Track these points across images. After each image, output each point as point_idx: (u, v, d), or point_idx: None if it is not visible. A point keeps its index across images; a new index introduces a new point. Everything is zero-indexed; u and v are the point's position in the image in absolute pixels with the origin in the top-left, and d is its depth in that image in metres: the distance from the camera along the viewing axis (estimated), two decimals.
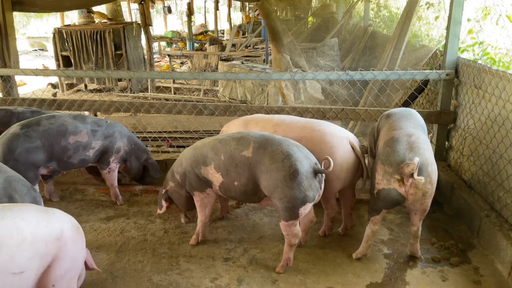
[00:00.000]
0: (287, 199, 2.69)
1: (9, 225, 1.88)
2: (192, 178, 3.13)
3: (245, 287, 2.80)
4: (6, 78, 4.65)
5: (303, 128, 3.19)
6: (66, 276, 2.09)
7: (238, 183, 2.90)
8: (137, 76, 4.35)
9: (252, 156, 2.80)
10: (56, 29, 10.47)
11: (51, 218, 2.07)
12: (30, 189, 2.74)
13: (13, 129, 3.26)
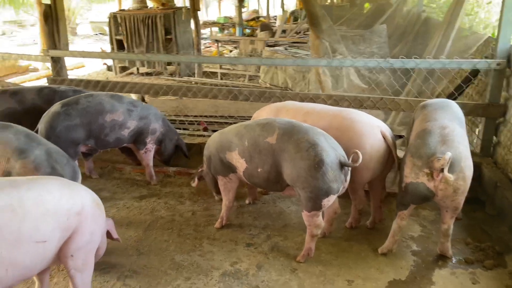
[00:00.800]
0: (310, 189, 2.64)
1: (34, 196, 1.98)
2: (216, 162, 3.16)
3: (263, 273, 2.80)
4: (57, 59, 4.91)
5: (333, 116, 3.10)
6: (84, 248, 2.19)
7: (261, 170, 2.88)
8: (169, 60, 4.42)
9: (276, 143, 2.76)
10: (111, 13, 10.89)
11: (73, 194, 2.16)
12: (69, 160, 2.96)
13: (55, 108, 3.45)
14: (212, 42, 15.82)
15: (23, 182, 2.04)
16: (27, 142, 2.78)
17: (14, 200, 1.90)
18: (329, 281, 2.71)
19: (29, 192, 1.99)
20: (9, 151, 2.70)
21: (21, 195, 1.94)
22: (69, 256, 2.12)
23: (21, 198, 1.93)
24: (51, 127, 3.36)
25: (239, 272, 2.82)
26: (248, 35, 15.20)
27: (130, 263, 2.91)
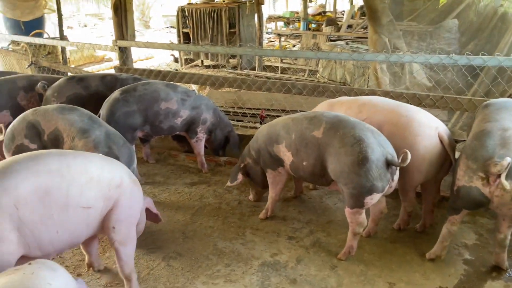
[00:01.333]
0: (352, 185, 2.58)
1: (80, 164, 2.15)
2: (266, 156, 3.16)
3: (302, 267, 2.79)
4: (123, 49, 5.20)
5: (390, 111, 2.98)
6: (124, 221, 2.32)
7: (307, 163, 2.85)
8: (225, 52, 4.50)
9: (322, 137, 2.72)
10: (180, 7, 11.30)
11: (113, 168, 2.31)
12: (126, 143, 3.16)
13: (115, 95, 3.67)
14: (275, 36, 15.85)
15: (69, 152, 2.24)
16: (89, 123, 3.01)
17: (63, 166, 2.07)
18: (369, 282, 2.64)
19: (75, 159, 2.15)
20: (74, 130, 2.94)
21: (69, 162, 2.11)
22: (111, 228, 2.27)
23: (69, 164, 2.09)
24: (111, 113, 3.58)
25: (278, 263, 2.83)
26: (313, 30, 15.02)
27: (175, 245, 3.03)
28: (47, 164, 2.03)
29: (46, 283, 1.54)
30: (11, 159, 2.05)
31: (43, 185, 1.97)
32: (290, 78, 8.20)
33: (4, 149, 3.02)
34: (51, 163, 2.05)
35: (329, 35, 10.03)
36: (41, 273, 1.61)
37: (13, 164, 1.98)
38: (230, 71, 10.41)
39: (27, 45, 6.33)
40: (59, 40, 6.06)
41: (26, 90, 4.01)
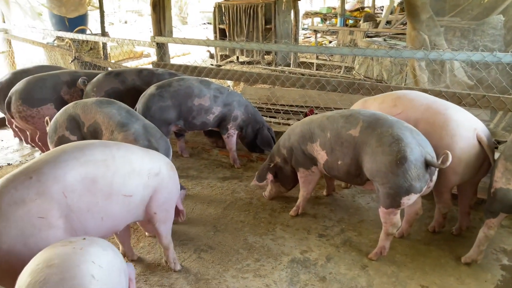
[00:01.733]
0: (389, 185, 2.53)
1: (123, 155, 2.26)
2: (299, 154, 3.12)
3: (332, 265, 2.77)
4: (161, 45, 5.32)
5: (427, 108, 2.88)
6: (164, 206, 2.47)
7: (342, 163, 2.81)
8: (259, 48, 4.50)
9: (359, 136, 2.67)
10: (217, 3, 11.40)
11: (152, 157, 2.43)
12: (162, 135, 3.25)
13: (150, 90, 3.76)
14: (311, 33, 15.70)
15: (112, 143, 2.34)
16: (127, 117, 3.11)
17: (108, 157, 2.18)
18: (400, 283, 2.59)
19: (119, 151, 2.26)
20: (113, 124, 3.04)
21: (113, 153, 2.22)
22: (152, 214, 2.42)
23: (113, 155, 2.21)
24: (146, 107, 3.67)
25: (307, 261, 2.83)
26: (350, 26, 14.77)
27: (207, 238, 3.09)
28: (93, 154, 2.14)
29: (90, 261, 1.60)
30: (60, 149, 2.16)
31: (90, 175, 2.08)
32: (325, 75, 8.11)
33: (48, 140, 3.17)
34: (96, 154, 2.15)
35: (367, 31, 9.83)
36: (89, 249, 1.67)
37: (62, 154, 2.09)
38: (264, 67, 10.42)
39: (71, 41, 6.59)
40: (100, 36, 6.27)
41: (69, 85, 4.18)
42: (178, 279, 2.65)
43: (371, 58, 7.51)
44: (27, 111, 3.99)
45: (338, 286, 2.58)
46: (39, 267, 1.51)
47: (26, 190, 1.92)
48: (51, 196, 1.95)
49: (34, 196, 1.91)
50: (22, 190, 1.91)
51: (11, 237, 1.85)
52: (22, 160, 4.56)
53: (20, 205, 1.89)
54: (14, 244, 1.86)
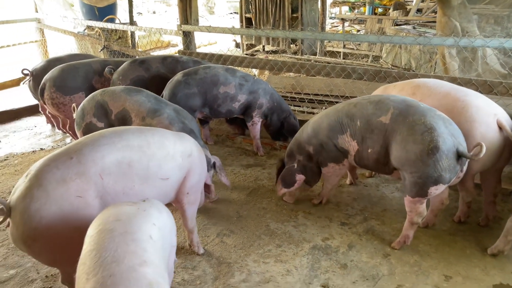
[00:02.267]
0: (418, 174, 2.48)
1: (158, 141, 2.35)
2: (331, 150, 2.95)
3: (354, 253, 2.77)
4: (187, 33, 5.36)
5: (445, 95, 2.82)
6: (196, 186, 2.58)
7: (372, 151, 2.74)
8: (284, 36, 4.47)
9: (389, 123, 2.60)
10: None
11: (183, 140, 2.52)
12: (193, 117, 3.35)
13: (177, 77, 3.81)
14: (339, 21, 15.44)
15: (147, 129, 2.41)
16: (157, 103, 3.18)
17: (144, 142, 2.27)
18: (423, 273, 2.57)
19: (154, 137, 2.35)
20: (144, 111, 3.11)
21: (148, 139, 2.31)
22: (185, 194, 2.51)
23: (148, 141, 2.30)
24: (173, 94, 3.73)
25: (329, 248, 2.83)
26: (380, 14, 14.42)
27: (229, 223, 3.14)
28: (129, 140, 2.23)
29: (151, 222, 1.73)
30: (98, 134, 2.26)
31: (126, 159, 2.17)
32: (352, 64, 7.98)
33: (76, 126, 3.27)
34: (132, 140, 2.24)
35: (396, 20, 9.59)
36: (150, 211, 1.80)
37: (101, 138, 2.19)
38: (290, 57, 10.34)
39: (101, 30, 6.74)
40: (128, 25, 6.37)
41: (100, 74, 4.28)
42: (200, 262, 2.71)
43: (399, 46, 7.33)
44: (60, 99, 4.12)
45: (359, 273, 2.58)
46: (109, 220, 1.68)
47: (67, 169, 2.02)
48: (89, 177, 2.05)
49: (74, 176, 2.02)
50: (63, 169, 2.02)
51: (50, 213, 1.94)
52: (54, 145, 4.73)
53: (61, 183, 1.99)
54: (53, 220, 1.95)
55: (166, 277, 1.57)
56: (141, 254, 1.52)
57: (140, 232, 1.63)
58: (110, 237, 1.56)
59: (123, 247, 1.51)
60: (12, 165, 4.21)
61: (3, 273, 2.66)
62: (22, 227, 1.93)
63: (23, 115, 5.73)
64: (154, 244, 1.63)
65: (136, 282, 1.38)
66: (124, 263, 1.44)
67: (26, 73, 4.71)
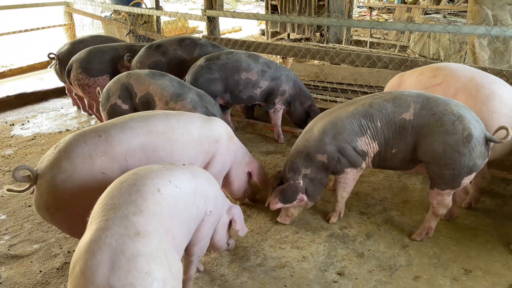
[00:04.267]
0: (453, 166, 2.40)
1: (183, 126, 2.39)
2: (350, 154, 2.67)
3: (372, 242, 2.74)
4: (212, 18, 5.35)
5: (470, 79, 2.72)
6: (218, 173, 2.60)
7: (396, 151, 2.59)
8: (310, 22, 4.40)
9: (414, 119, 2.48)
10: None
11: (212, 125, 2.55)
12: (216, 102, 3.37)
13: (200, 61, 3.81)
14: (366, 11, 15.11)
15: (174, 114, 2.44)
16: (180, 87, 3.20)
17: (169, 128, 2.32)
18: (442, 265, 2.52)
19: (179, 122, 2.40)
20: (167, 95, 3.14)
21: (173, 124, 2.36)
22: None
23: (173, 126, 2.35)
24: (195, 78, 3.74)
25: (346, 236, 2.81)
26: (409, 3, 14.02)
27: (247, 208, 3.15)
28: (155, 125, 2.29)
29: (166, 179, 1.77)
30: (129, 117, 2.33)
31: (151, 144, 2.24)
32: (378, 53, 7.81)
33: (100, 107, 3.33)
34: (158, 125, 2.30)
35: (426, 8, 9.30)
36: (174, 171, 1.85)
37: (129, 121, 2.27)
38: (315, 44, 10.20)
39: (127, 14, 6.80)
40: (154, 10, 6.40)
41: None
42: None
43: (428, 35, 7.11)
44: (85, 80, 4.20)
45: (376, 263, 2.56)
46: (129, 173, 1.77)
47: (94, 146, 2.10)
48: (114, 156, 2.13)
49: (100, 153, 2.10)
50: (91, 145, 2.10)
51: (74, 185, 2.03)
52: (79, 126, 4.84)
53: (87, 158, 2.07)
54: (76, 192, 2.03)
55: (169, 232, 1.60)
56: (140, 204, 1.56)
57: (147, 185, 1.67)
58: (119, 187, 1.64)
59: (124, 197, 1.57)
60: (39, 145, 4.34)
61: (27, 247, 2.75)
62: (47, 195, 2.02)
63: (51, 97, 5.88)
64: (161, 198, 1.66)
65: (125, 228, 1.43)
66: (121, 210, 1.50)
67: (52, 57, 4.80)
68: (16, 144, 4.35)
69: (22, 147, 4.29)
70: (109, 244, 1.37)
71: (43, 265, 2.59)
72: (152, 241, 1.45)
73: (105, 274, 1.31)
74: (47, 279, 2.48)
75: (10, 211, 3.15)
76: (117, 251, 1.36)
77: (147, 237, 1.45)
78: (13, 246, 2.76)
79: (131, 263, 1.34)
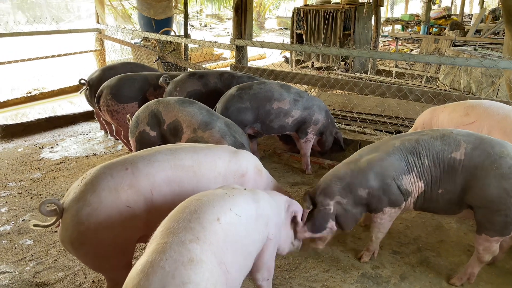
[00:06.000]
0: (507, 212, 2.26)
1: (210, 161, 2.35)
2: (393, 192, 2.52)
3: (407, 285, 2.60)
4: (240, 48, 5.40)
5: (504, 117, 2.63)
6: None
7: (443, 191, 2.46)
8: (338, 53, 4.38)
9: (466, 159, 2.36)
10: (295, 8, 11.38)
11: (239, 159, 2.48)
12: (243, 132, 3.35)
13: (231, 91, 3.81)
14: (391, 41, 15.13)
15: (202, 148, 2.41)
16: (209, 116, 3.18)
17: (196, 163, 2.30)
18: None
19: (206, 157, 2.36)
20: (195, 122, 3.12)
21: (200, 159, 2.32)
22: None
23: (200, 161, 2.31)
24: (225, 107, 3.73)
25: (379, 277, 2.68)
26: (435, 34, 13.99)
27: None
28: (182, 159, 2.26)
29: (227, 207, 1.80)
30: (156, 149, 2.30)
31: (177, 178, 2.21)
32: (407, 84, 7.73)
33: (130, 134, 3.34)
34: (185, 159, 2.27)
35: (454, 40, 9.23)
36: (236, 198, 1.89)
37: (157, 154, 2.24)
38: (340, 74, 10.20)
39: (156, 42, 6.95)
40: (183, 38, 6.54)
41: (155, 86, 4.38)
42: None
43: (459, 68, 7.00)
44: (114, 106, 4.25)
45: None
46: (193, 198, 1.83)
47: (121, 179, 2.07)
48: (140, 190, 2.09)
49: (126, 187, 2.06)
50: (117, 178, 2.07)
51: (100, 219, 1.98)
52: (106, 151, 4.87)
53: (113, 191, 2.03)
54: (102, 226, 1.99)
55: (223, 264, 1.62)
56: (198, 231, 1.59)
57: (208, 212, 1.70)
58: (181, 212, 1.69)
59: (184, 223, 1.62)
60: (67, 169, 4.38)
61: (52, 274, 2.72)
62: (72, 229, 1.99)
63: (79, 120, 5.98)
64: (219, 228, 1.68)
65: (180, 254, 1.46)
66: (178, 236, 1.54)
67: (83, 82, 4.91)
68: (45, 168, 4.40)
69: (50, 170, 4.34)
70: (162, 267, 1.41)
71: None
72: (204, 270, 1.47)
73: None
74: None
75: (37, 236, 3.14)
76: (169, 276, 1.39)
77: (200, 266, 1.47)
78: (38, 274, 2.73)
79: None
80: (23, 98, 7.33)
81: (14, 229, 3.26)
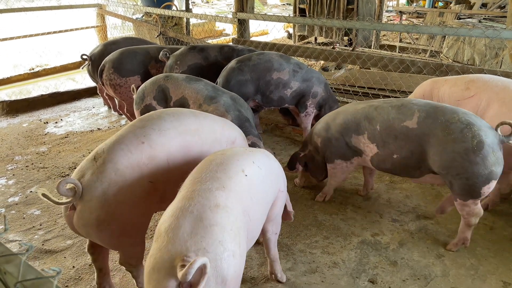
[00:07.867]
0: (467, 175, 2.33)
1: (209, 125, 2.39)
2: (340, 146, 2.91)
3: (405, 251, 2.67)
4: (242, 21, 5.36)
5: (503, 88, 2.66)
6: None
7: (398, 156, 2.60)
8: (341, 25, 4.35)
9: (418, 127, 2.46)
10: None
11: (229, 126, 2.55)
12: (248, 106, 3.35)
13: (231, 64, 3.81)
14: (395, 15, 14.90)
15: (199, 112, 2.45)
16: (214, 91, 3.20)
17: (199, 126, 2.33)
18: (479, 277, 2.43)
19: (205, 120, 2.40)
20: (201, 98, 3.15)
21: (202, 122, 2.36)
22: None
23: (202, 125, 2.35)
24: (226, 81, 3.74)
25: (378, 244, 2.75)
26: (440, 8, 13.73)
27: None
28: (188, 124, 2.28)
29: (250, 161, 1.92)
30: (158, 117, 2.25)
31: (186, 143, 2.23)
32: (410, 57, 7.66)
33: (134, 106, 3.37)
34: (191, 124, 2.29)
35: (459, 13, 9.08)
36: (256, 153, 2.02)
37: (163, 122, 2.22)
38: (342, 48, 10.10)
39: (158, 17, 6.90)
40: (185, 12, 6.48)
41: (157, 60, 4.39)
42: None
43: (463, 40, 6.92)
44: (117, 80, 4.27)
45: (410, 272, 2.49)
46: (217, 153, 1.96)
47: (140, 154, 2.05)
48: (158, 162, 2.09)
49: (146, 161, 2.05)
50: (136, 154, 2.04)
51: (126, 198, 1.97)
52: (110, 126, 4.92)
53: (136, 168, 2.02)
54: (127, 204, 1.98)
55: (246, 212, 1.70)
56: (224, 180, 1.70)
57: (233, 164, 1.82)
58: (208, 164, 1.81)
59: (211, 173, 1.73)
60: (72, 143, 4.43)
61: (61, 242, 2.81)
62: (99, 210, 1.90)
63: (83, 96, 6.01)
64: (245, 178, 1.79)
65: (207, 200, 1.57)
66: (206, 184, 1.66)
67: (85, 58, 4.91)
68: (50, 142, 4.46)
69: (56, 144, 4.40)
70: (191, 211, 1.52)
71: (76, 260, 2.63)
72: (229, 215, 1.56)
73: (184, 237, 1.44)
74: (80, 274, 2.51)
75: (44, 207, 3.22)
76: (197, 219, 1.49)
77: (225, 211, 1.56)
78: (47, 241, 2.82)
79: (207, 231, 1.46)
80: (26, 74, 7.34)
81: (22, 200, 3.34)
